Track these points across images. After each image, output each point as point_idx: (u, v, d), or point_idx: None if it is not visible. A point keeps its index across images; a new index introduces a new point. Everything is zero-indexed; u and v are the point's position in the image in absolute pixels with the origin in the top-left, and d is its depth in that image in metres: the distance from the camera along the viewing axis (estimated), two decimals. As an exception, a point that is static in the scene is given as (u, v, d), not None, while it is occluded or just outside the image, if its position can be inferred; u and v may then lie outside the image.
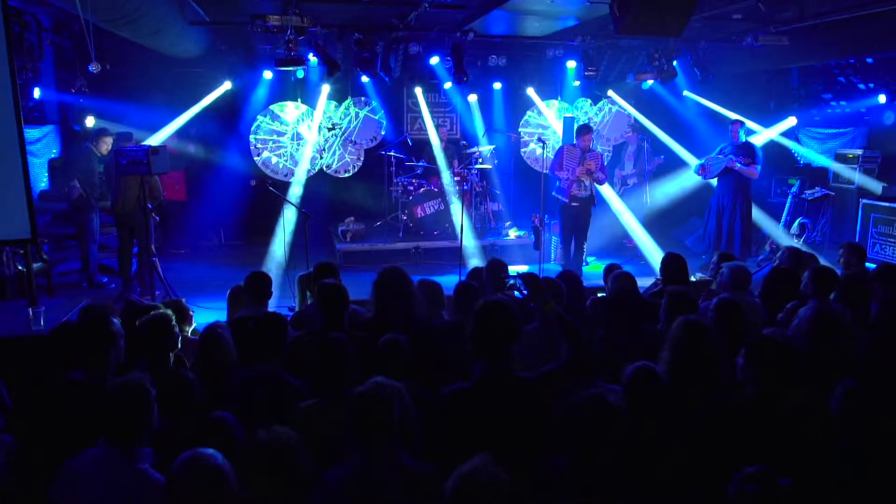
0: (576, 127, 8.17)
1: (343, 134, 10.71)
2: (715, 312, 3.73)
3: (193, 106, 9.38)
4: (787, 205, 9.18)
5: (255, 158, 10.36)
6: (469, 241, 9.39)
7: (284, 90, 10.16)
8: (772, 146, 10.48)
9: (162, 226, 8.49)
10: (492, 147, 10.13)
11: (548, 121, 11.24)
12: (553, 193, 7.92)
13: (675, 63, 8.58)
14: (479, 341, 2.89)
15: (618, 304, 4.24)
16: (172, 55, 8.16)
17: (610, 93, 11.15)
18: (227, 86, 9.45)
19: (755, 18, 7.88)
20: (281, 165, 10.50)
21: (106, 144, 7.49)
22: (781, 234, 9.19)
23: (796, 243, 8.75)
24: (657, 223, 9.95)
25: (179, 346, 3.69)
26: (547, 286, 3.91)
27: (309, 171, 10.57)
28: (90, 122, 8.33)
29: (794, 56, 8.93)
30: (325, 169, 10.69)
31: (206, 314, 6.97)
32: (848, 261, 5.90)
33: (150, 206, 6.80)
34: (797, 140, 11.30)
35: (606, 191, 9.03)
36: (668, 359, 3.26)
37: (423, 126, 11.06)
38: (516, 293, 3.77)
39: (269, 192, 7.75)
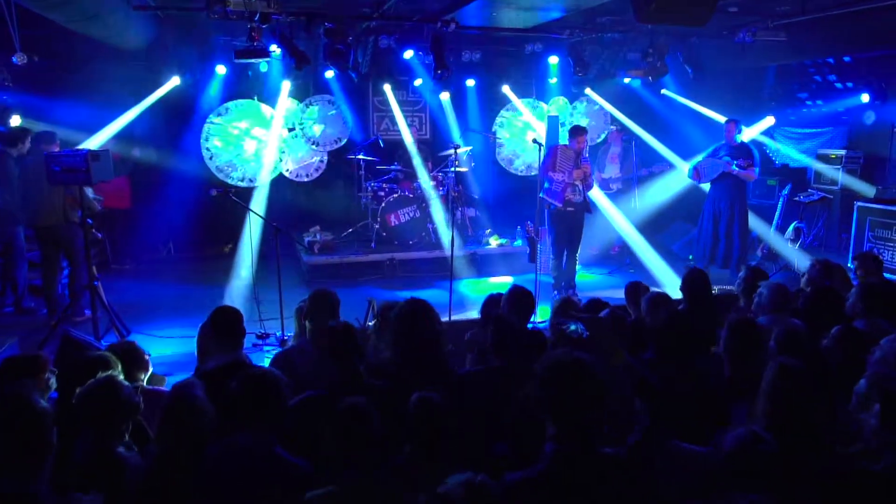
0: (566, 128, 7.56)
1: (305, 135, 9.84)
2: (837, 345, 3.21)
3: (138, 104, 8.35)
4: (779, 207, 8.83)
5: (208, 162, 9.38)
6: (448, 251, 8.68)
7: (240, 87, 9.22)
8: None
9: (106, 238, 7.46)
10: (468, 149, 9.44)
11: (524, 120, 10.65)
12: (542, 196, 7.28)
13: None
14: (555, 414, 2.19)
15: (667, 334, 3.64)
16: (113, 46, 7.17)
17: (588, 91, 10.62)
18: (175, 81, 8.45)
19: (751, 11, 7.45)
20: (239, 171, 9.55)
21: (22, 145, 6.44)
22: (774, 238, 8.82)
23: (792, 248, 8.39)
24: (641, 228, 9.47)
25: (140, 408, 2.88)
26: (614, 323, 3.26)
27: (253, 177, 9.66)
28: (15, 121, 7.23)
29: (790, 52, 8.57)
30: (284, 173, 9.79)
31: (160, 345, 6.06)
32: (867, 270, 5.49)
33: (89, 220, 5.83)
34: (773, 140, 11.05)
35: (597, 195, 8.47)
36: (767, 413, 2.67)
37: (391, 126, 10.30)
38: (570, 329, 3.08)
39: (228, 200, 6.87)
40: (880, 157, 9.65)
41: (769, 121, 10.41)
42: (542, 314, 6.74)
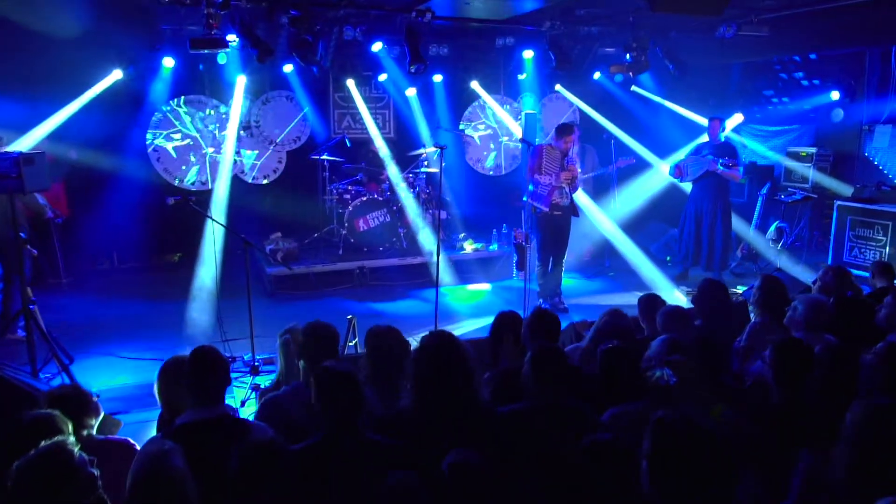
0: (551, 126, 7.13)
1: (262, 134, 9.12)
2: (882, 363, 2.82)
3: (74, 100, 7.48)
4: (758, 207, 8.66)
5: (155, 164, 8.57)
6: (420, 258, 8.17)
7: (190, 82, 8.43)
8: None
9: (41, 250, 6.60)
10: (438, 148, 8.89)
11: (496, 117, 10.20)
12: (526, 200, 6.85)
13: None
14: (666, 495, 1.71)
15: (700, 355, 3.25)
16: (43, 33, 6.33)
17: (559, 87, 10.26)
18: (116, 75, 7.61)
19: (735, 4, 7.18)
20: (190, 174, 8.77)
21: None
22: (754, 238, 8.65)
23: (774, 248, 8.22)
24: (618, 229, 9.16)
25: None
26: (704, 362, 2.80)
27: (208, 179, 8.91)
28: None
29: (772, 48, 8.39)
30: (240, 175, 9.05)
31: (109, 373, 5.34)
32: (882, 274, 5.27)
33: (22, 234, 5.04)
34: (740, 137, 10.95)
35: (581, 197, 8.08)
36: (853, 463, 2.27)
37: (353, 124, 9.69)
38: (656, 376, 2.59)
39: (178, 206, 6.20)
40: (850, 155, 9.61)
41: (738, 118, 10.26)
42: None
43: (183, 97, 8.55)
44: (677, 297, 7.40)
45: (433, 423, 2.51)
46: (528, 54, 8.71)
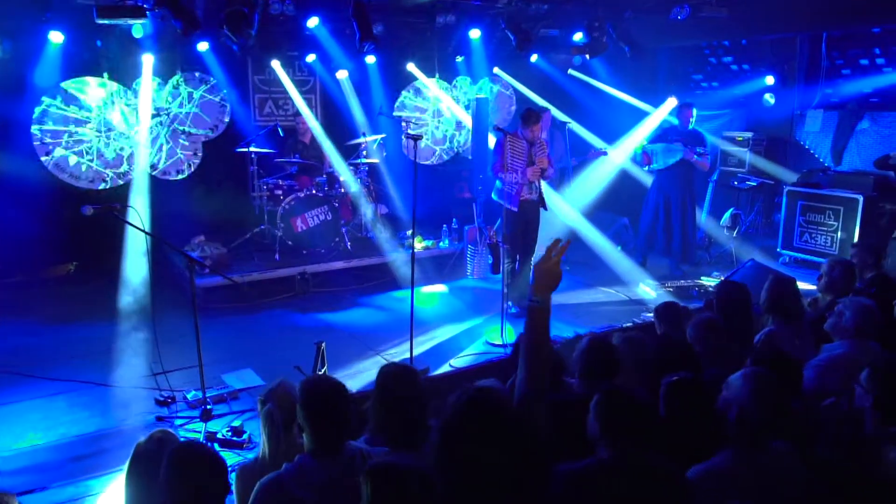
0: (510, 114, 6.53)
1: (172, 122, 7.92)
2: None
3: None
4: (709, 193, 8.55)
5: (44, 158, 7.20)
6: (368, 259, 7.39)
7: (84, 61, 7.11)
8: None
9: None
10: (379, 137, 8.12)
11: (433, 103, 9.48)
12: (494, 198, 6.25)
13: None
14: None
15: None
16: None
17: (497, 70, 9.70)
18: (-11, 52, 6.25)
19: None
20: (84, 167, 7.45)
21: None
22: (707, 226, 8.53)
23: (729, 236, 8.10)
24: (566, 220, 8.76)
25: None
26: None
27: (125, 173, 7.67)
28: None
29: (730, 30, 8.21)
30: (149, 170, 7.82)
31: (12, 432, 4.22)
32: (864, 262, 5.11)
33: None
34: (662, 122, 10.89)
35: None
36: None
37: (275, 110, 8.68)
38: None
39: (71, 207, 5.07)
40: (782, 140, 9.74)
41: (672, 102, 10.14)
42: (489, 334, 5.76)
43: (77, 79, 7.20)
44: (644, 290, 7.10)
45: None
46: (474, 34, 8.06)
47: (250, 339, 5.84)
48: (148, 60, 7.18)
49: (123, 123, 7.51)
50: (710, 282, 7.08)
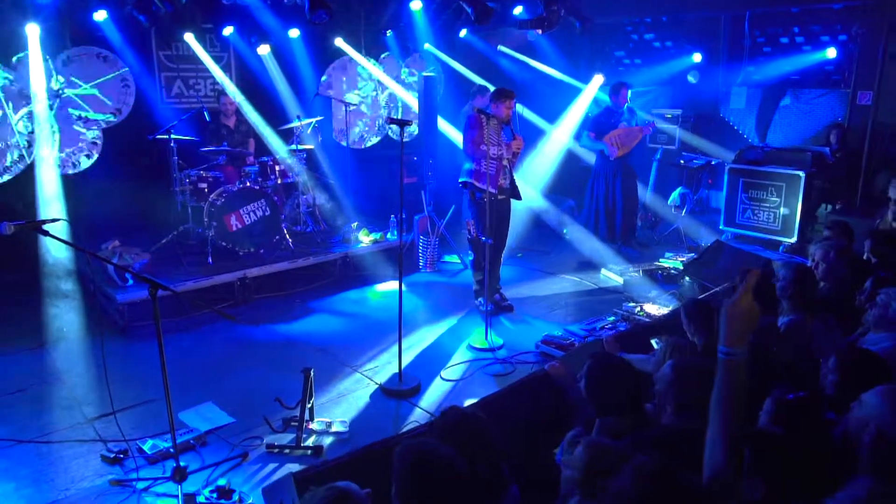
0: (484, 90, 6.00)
1: (67, 105, 6.70)
2: None
3: None
4: (653, 172, 8.47)
5: None
6: (313, 257, 6.65)
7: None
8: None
9: None
10: (314, 120, 7.30)
11: (367, 81, 8.74)
12: (464, 181, 5.72)
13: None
14: None
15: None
16: None
17: (427, 46, 9.09)
18: None
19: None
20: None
21: None
22: (653, 205, 8.47)
23: (677, 215, 8.08)
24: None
25: None
26: None
27: (10, 167, 6.42)
28: None
29: (654, 7, 8.07)
30: (40, 162, 6.58)
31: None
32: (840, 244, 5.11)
33: None
34: (595, 100, 10.82)
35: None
36: None
37: (185, 91, 7.64)
38: None
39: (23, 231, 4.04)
40: (708, 117, 9.88)
41: (599, 79, 10.03)
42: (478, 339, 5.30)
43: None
44: (608, 276, 6.90)
45: None
46: (415, 5, 7.40)
47: (196, 362, 4.99)
48: (32, 32, 5.95)
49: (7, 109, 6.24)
50: (669, 264, 6.98)
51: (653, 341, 3.97)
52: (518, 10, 7.87)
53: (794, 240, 7.56)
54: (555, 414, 3.48)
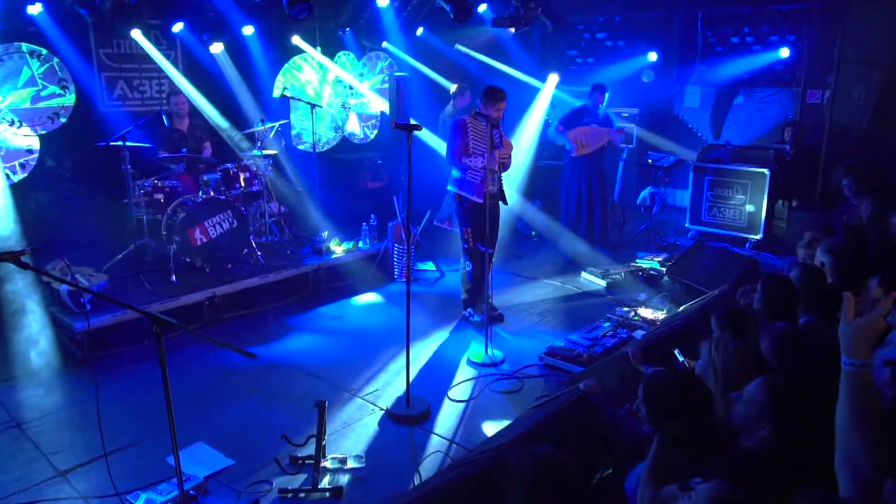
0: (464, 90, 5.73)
1: (-6, 109, 5.98)
2: None
3: None
4: (620, 172, 8.44)
5: None
6: (285, 271, 6.20)
7: None
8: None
9: None
10: (278, 124, 6.82)
11: (327, 82, 8.28)
12: (452, 189, 5.45)
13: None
14: None
15: None
16: None
17: (385, 44, 8.74)
18: None
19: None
20: None
21: None
22: (620, 205, 8.44)
23: (646, 214, 8.08)
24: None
25: None
26: None
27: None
28: None
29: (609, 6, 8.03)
30: (-32, 175, 5.85)
31: None
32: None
33: None
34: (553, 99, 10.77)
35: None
36: None
37: (129, 93, 7.00)
38: None
39: None
40: (662, 115, 9.99)
41: (554, 78, 9.98)
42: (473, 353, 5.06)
43: None
44: (590, 279, 6.78)
45: None
46: (382, 2, 7.03)
47: (175, 394, 4.49)
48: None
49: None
50: (647, 265, 6.94)
51: (675, 351, 3.83)
52: (482, 8, 7.66)
53: (759, 236, 7.71)
54: (592, 433, 3.28)
